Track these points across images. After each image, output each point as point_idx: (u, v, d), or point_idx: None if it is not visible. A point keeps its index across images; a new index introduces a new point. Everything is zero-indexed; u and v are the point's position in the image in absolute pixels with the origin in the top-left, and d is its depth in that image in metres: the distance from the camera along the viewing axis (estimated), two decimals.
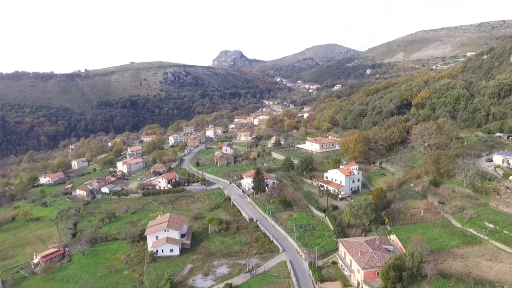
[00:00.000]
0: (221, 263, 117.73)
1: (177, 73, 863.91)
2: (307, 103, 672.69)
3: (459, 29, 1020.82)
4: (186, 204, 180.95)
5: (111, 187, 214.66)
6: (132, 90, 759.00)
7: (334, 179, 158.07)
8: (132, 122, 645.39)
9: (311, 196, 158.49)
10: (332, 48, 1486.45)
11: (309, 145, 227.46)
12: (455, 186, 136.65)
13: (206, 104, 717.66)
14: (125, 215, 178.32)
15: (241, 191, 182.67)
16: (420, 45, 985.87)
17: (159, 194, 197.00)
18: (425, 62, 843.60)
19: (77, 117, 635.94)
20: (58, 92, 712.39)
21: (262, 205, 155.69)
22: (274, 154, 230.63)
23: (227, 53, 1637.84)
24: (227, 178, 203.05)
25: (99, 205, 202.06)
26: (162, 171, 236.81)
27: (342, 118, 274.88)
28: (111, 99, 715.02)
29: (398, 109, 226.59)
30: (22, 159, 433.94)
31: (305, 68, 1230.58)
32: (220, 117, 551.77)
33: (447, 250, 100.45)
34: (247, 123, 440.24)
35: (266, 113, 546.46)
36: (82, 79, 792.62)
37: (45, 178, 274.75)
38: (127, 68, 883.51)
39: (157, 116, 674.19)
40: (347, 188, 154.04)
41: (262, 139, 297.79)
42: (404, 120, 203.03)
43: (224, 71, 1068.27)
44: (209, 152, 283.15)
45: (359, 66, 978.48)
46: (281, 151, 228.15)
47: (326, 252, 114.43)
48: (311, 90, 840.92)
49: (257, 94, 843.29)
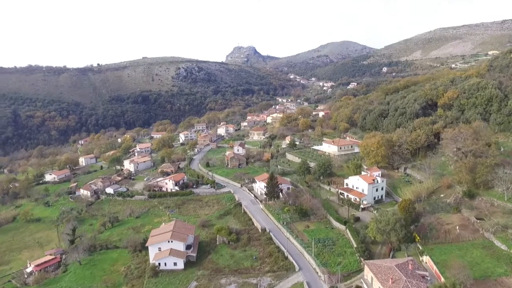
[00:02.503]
0: (229, 281, 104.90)
1: (190, 68, 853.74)
2: (322, 101, 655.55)
3: (480, 26, 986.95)
4: (193, 209, 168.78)
5: (116, 187, 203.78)
6: (144, 85, 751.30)
7: (355, 187, 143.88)
8: (143, 117, 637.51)
9: (329, 205, 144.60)
10: (347, 45, 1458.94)
11: (326, 147, 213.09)
12: (494, 200, 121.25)
13: (218, 101, 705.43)
14: (129, 219, 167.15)
15: (253, 196, 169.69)
16: (439, 43, 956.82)
17: (165, 196, 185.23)
18: (443, 61, 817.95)
19: (88, 112, 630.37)
20: (70, 87, 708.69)
21: (275, 214, 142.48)
22: (288, 155, 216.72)
23: (240, 49, 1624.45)
24: (238, 181, 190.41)
25: (102, 206, 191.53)
26: (170, 171, 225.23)
27: (361, 118, 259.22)
28: (122, 94, 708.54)
29: (423, 110, 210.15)
30: (32, 154, 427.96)
31: (319, 65, 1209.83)
32: (232, 114, 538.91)
33: (493, 279, 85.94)
34: (260, 121, 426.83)
35: (279, 110, 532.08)
36: (94, 73, 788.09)
37: (51, 175, 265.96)
38: (140, 63, 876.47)
39: (169, 112, 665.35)
40: (369, 197, 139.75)
41: (276, 138, 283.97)
42: (431, 122, 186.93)
43: (238, 67, 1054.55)
44: (220, 152, 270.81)
45: (374, 64, 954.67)
46: (296, 153, 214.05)
47: (349, 274, 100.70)
48: (326, 88, 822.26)
49: (270, 91, 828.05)
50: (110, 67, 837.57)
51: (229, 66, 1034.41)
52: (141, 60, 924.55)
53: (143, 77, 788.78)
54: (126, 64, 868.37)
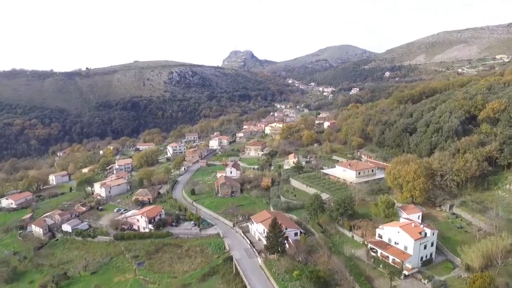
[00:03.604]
0: None
1: (183, 72, 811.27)
2: (323, 108, 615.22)
3: (485, 29, 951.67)
4: (169, 262, 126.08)
5: (76, 224, 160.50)
6: (134, 91, 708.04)
7: (393, 242, 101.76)
8: (132, 125, 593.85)
9: (356, 266, 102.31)
10: (346, 49, 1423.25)
11: (340, 171, 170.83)
12: None
13: (213, 107, 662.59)
14: (81, 275, 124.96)
15: (248, 242, 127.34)
16: (443, 47, 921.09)
17: (136, 238, 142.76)
18: (449, 65, 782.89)
19: (73, 119, 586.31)
20: (55, 92, 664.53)
21: (280, 280, 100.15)
22: (293, 181, 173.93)
23: (237, 53, 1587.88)
24: (230, 217, 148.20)
25: (54, 251, 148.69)
26: (147, 199, 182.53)
27: (378, 132, 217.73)
28: (111, 100, 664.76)
29: (462, 125, 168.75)
30: (3, 167, 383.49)
31: (318, 70, 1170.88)
32: (227, 122, 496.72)
33: None
34: (258, 131, 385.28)
35: (278, 118, 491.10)
36: (82, 78, 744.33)
37: (7, 201, 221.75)
38: (131, 67, 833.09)
39: (160, 119, 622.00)
40: (415, 258, 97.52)
41: (277, 155, 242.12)
42: (478, 142, 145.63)
43: (234, 71, 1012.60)
44: (211, 171, 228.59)
45: (376, 68, 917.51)
46: (304, 179, 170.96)
47: None
48: (326, 93, 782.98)
49: (268, 97, 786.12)
50: (99, 71, 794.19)
51: (225, 70, 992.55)
52: (133, 64, 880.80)
53: (133, 82, 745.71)
54: (117, 68, 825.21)
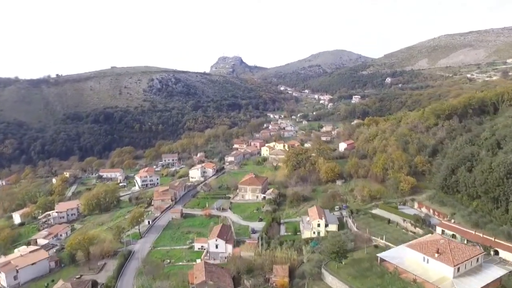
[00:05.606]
0: None
1: (165, 79, 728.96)
2: (324, 118, 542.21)
3: (490, 32, 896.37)
4: None
5: None
6: (109, 100, 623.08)
7: None
8: (104, 141, 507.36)
9: None
10: (340, 54, 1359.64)
11: (414, 260, 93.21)
12: None
13: (198, 118, 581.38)
14: None
15: None
16: (447, 51, 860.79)
17: None
18: (456, 70, 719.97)
19: (33, 134, 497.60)
20: (15, 102, 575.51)
21: None
22: (330, 279, 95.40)
23: (225, 59, 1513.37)
24: None
25: None
26: None
27: (446, 171, 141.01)
28: (81, 111, 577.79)
29: None
30: None
31: (312, 76, 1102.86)
32: (214, 138, 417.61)
33: None
34: (251, 153, 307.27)
35: (274, 132, 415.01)
36: (49, 86, 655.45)
37: None
38: (107, 73, 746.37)
39: (137, 134, 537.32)
40: None
41: (287, 201, 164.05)
42: None
43: (222, 78, 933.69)
44: (186, 232, 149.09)
45: (376, 74, 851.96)
46: (352, 280, 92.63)
47: None
48: (323, 101, 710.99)
49: (260, 106, 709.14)
50: (70, 78, 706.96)
51: (212, 77, 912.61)
52: (109, 70, 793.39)
53: (108, 90, 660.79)
54: (91, 74, 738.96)
